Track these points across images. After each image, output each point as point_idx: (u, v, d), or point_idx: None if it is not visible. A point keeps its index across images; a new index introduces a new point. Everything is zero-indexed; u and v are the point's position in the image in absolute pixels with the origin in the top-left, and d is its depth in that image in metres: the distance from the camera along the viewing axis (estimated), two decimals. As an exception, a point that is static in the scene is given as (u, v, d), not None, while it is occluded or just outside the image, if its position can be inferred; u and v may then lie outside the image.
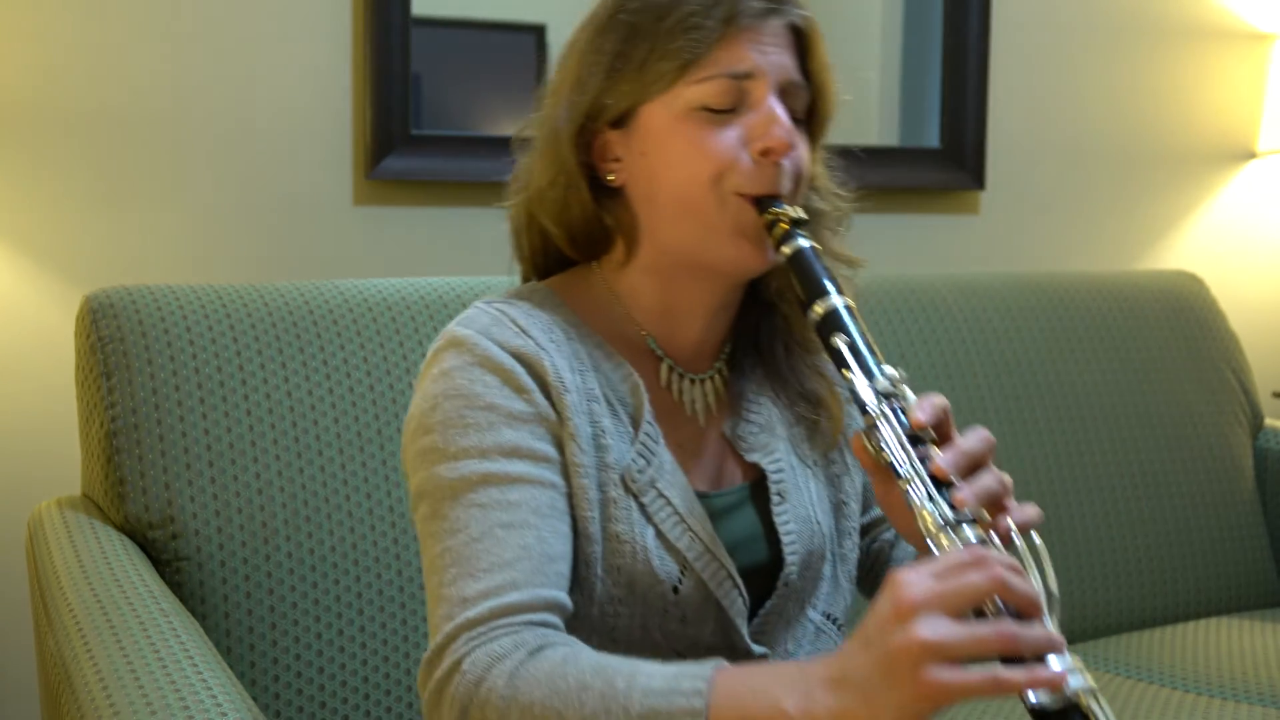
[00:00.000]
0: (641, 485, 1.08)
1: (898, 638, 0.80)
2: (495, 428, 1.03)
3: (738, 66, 1.06)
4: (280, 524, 1.50)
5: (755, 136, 1.07)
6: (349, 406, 1.56)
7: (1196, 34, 2.66)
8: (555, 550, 1.02)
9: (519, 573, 0.98)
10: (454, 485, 1.02)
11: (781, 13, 1.09)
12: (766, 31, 1.08)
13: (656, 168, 1.09)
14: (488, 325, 1.08)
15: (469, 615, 0.96)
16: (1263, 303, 2.77)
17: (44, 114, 1.91)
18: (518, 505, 1.01)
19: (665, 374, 1.15)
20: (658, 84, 1.07)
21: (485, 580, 0.98)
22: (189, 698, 1.00)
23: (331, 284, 1.66)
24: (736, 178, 1.06)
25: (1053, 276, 2.19)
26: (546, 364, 1.06)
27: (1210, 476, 2.13)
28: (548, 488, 1.04)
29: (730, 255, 1.09)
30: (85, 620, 1.18)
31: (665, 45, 1.06)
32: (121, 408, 1.48)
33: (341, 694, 1.50)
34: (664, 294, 1.14)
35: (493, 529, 1.00)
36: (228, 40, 1.99)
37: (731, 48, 1.06)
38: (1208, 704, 1.71)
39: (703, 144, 1.06)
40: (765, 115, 1.07)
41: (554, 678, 0.91)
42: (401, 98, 2.06)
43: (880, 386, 0.98)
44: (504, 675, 0.92)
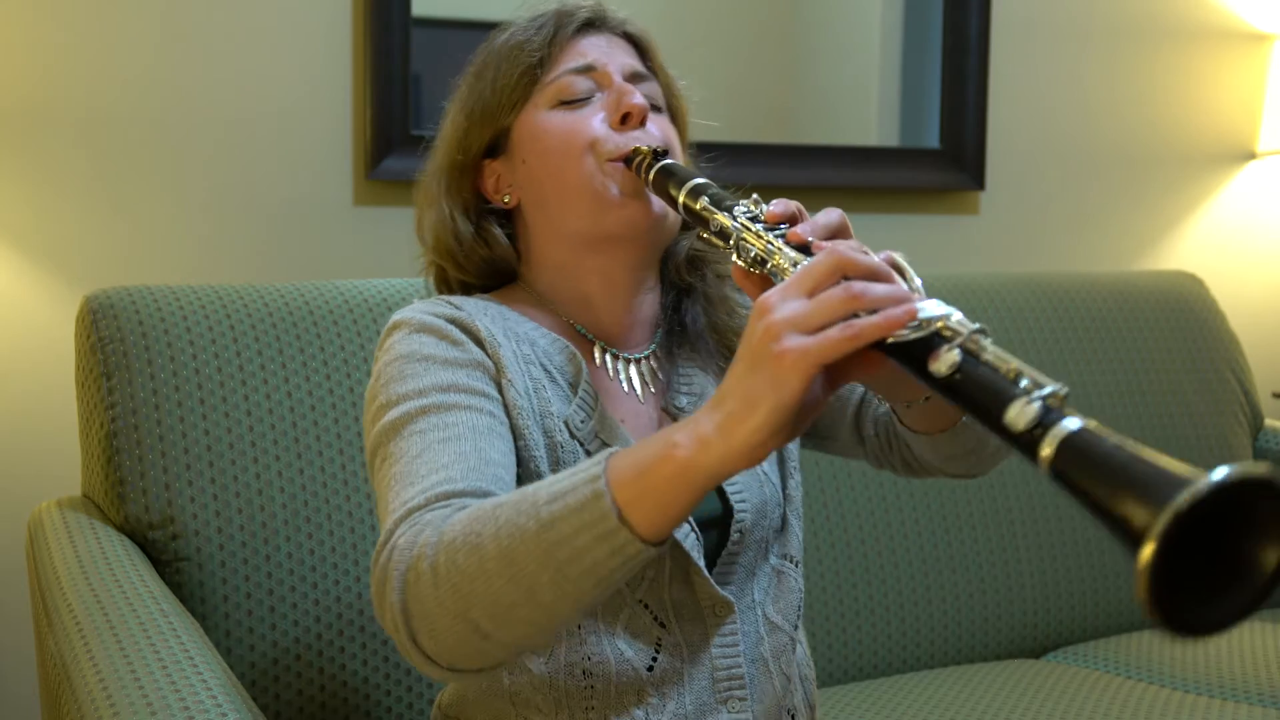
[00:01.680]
0: (585, 434, 1.13)
1: (758, 330, 0.83)
2: (431, 371, 1.08)
3: (577, 62, 1.18)
4: (280, 524, 1.50)
5: (612, 107, 1.16)
6: (349, 407, 1.56)
7: (1196, 34, 2.66)
8: (493, 456, 1.03)
9: (456, 471, 1.00)
10: (395, 424, 1.05)
11: (609, 25, 1.21)
12: (596, 38, 1.20)
13: (535, 166, 1.18)
14: (423, 307, 1.16)
15: (408, 506, 0.97)
16: (1263, 303, 2.77)
17: (44, 114, 1.91)
18: (455, 425, 1.04)
19: (599, 355, 1.20)
20: (511, 97, 1.18)
21: (422, 482, 0.99)
22: (189, 698, 1.00)
23: (331, 284, 1.66)
24: (605, 146, 1.15)
25: (1053, 276, 2.19)
26: (481, 329, 1.13)
27: (1210, 476, 2.13)
28: (486, 415, 1.07)
29: (619, 217, 1.15)
30: (85, 620, 1.18)
31: (507, 66, 1.18)
32: (121, 408, 1.48)
33: (341, 694, 1.50)
34: (579, 282, 1.20)
35: (430, 445, 1.02)
36: (228, 41, 1.99)
37: (567, 50, 1.19)
38: (1208, 704, 1.71)
39: (567, 126, 1.16)
40: (617, 88, 1.16)
41: (472, 515, 0.91)
42: (401, 98, 2.06)
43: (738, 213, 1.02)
44: (432, 532, 0.92)
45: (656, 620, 1.13)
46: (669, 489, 0.85)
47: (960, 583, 1.91)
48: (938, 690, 1.74)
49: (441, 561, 0.90)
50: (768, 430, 0.82)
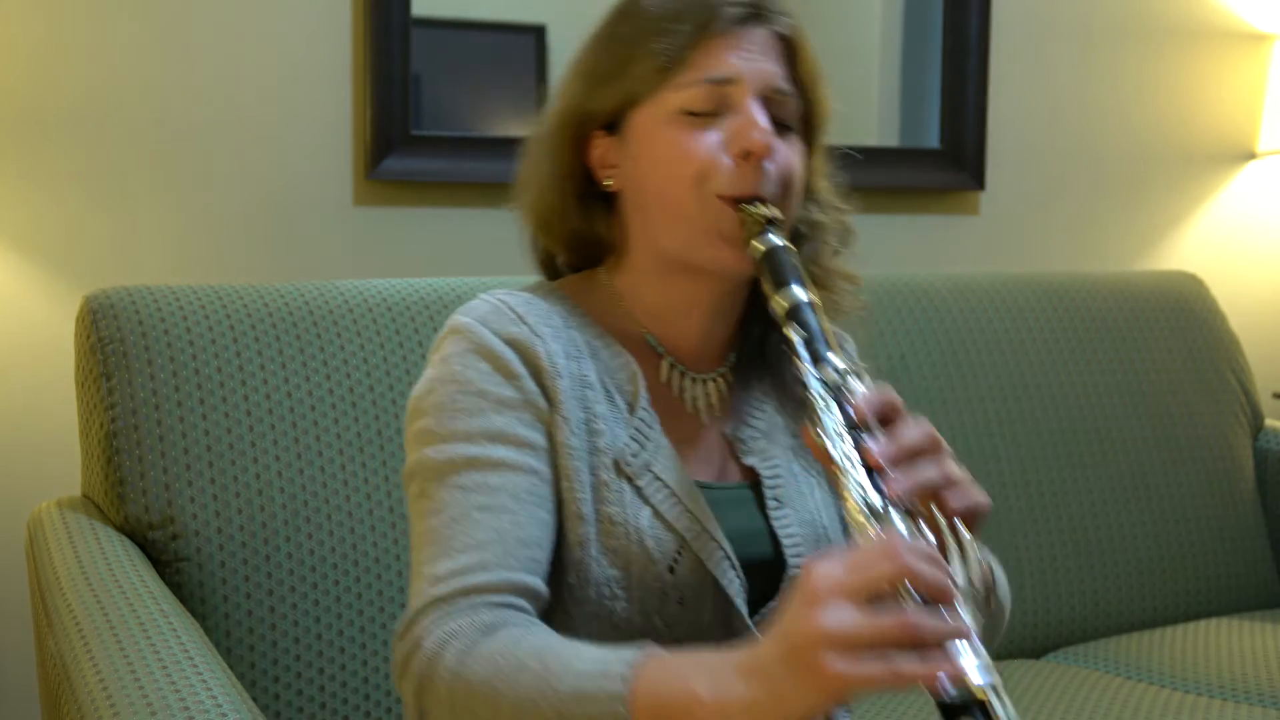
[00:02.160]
0: (636, 468, 1.10)
1: (802, 626, 0.81)
2: (483, 413, 1.07)
3: (716, 72, 1.09)
4: (280, 524, 1.50)
5: (734, 139, 1.09)
6: (349, 407, 1.56)
7: (1196, 34, 2.66)
8: (530, 535, 1.04)
9: (490, 554, 1.02)
10: (440, 467, 1.06)
11: (763, 19, 1.11)
12: (747, 38, 1.10)
13: (644, 170, 1.12)
14: (486, 314, 1.12)
15: (436, 593, 1.00)
16: (1263, 303, 2.76)
17: (44, 115, 1.91)
18: (497, 490, 1.05)
19: (666, 370, 1.17)
20: (640, 88, 1.10)
21: (457, 559, 1.02)
22: (189, 698, 1.00)
23: (331, 284, 1.66)
24: (717, 180, 1.09)
25: (1053, 276, 2.19)
26: (539, 349, 1.10)
27: (1210, 476, 2.13)
28: (528, 474, 1.06)
29: (710, 256, 1.10)
30: (85, 620, 1.18)
31: (644, 49, 1.10)
32: (121, 408, 1.48)
33: (341, 694, 1.50)
34: (660, 293, 1.16)
35: (470, 511, 1.03)
36: (228, 40, 1.99)
37: (711, 53, 1.09)
38: (1208, 704, 1.71)
39: (683, 146, 1.09)
40: (744, 119, 1.08)
41: (498, 657, 0.94)
42: (401, 98, 2.06)
43: (826, 376, 0.99)
44: (455, 654, 0.96)
45: None
46: None
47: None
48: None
49: (460, 698, 0.94)
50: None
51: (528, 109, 2.22)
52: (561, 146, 1.15)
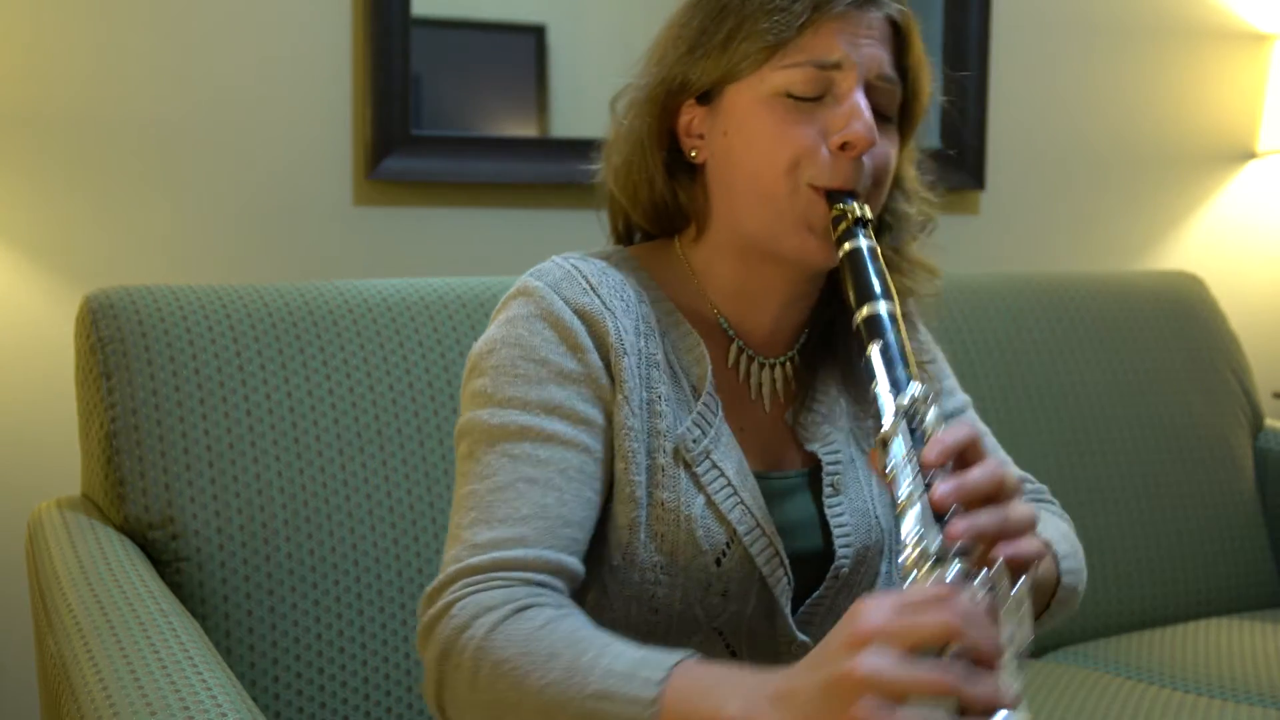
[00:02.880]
0: (695, 455, 1.09)
1: (842, 665, 0.79)
2: (543, 383, 1.05)
3: (826, 56, 1.05)
4: (280, 524, 1.50)
5: (835, 129, 1.05)
6: (349, 407, 1.56)
7: (1196, 34, 2.66)
8: (573, 515, 1.03)
9: (530, 530, 1.00)
10: (492, 431, 1.04)
11: (877, 4, 1.07)
12: (860, 22, 1.06)
13: (736, 149, 1.08)
14: (559, 279, 1.09)
15: (472, 561, 0.99)
16: (1263, 303, 2.77)
17: (44, 115, 1.91)
18: (546, 463, 1.03)
19: (734, 354, 1.15)
20: (743, 64, 1.06)
21: (497, 530, 1.00)
22: (189, 698, 1.00)
23: (331, 284, 1.66)
24: (812, 169, 1.05)
25: (1053, 276, 2.19)
26: (609, 325, 1.07)
27: (1210, 476, 2.13)
28: (580, 451, 1.05)
29: (795, 245, 1.07)
30: (85, 620, 1.18)
31: (752, 25, 1.05)
32: (121, 408, 1.48)
33: (341, 694, 1.50)
34: (739, 275, 1.14)
35: (516, 482, 1.02)
36: (227, 40, 1.99)
37: (821, 35, 1.04)
38: (1208, 704, 1.71)
39: (783, 130, 1.05)
40: (848, 109, 1.04)
41: (530, 640, 0.93)
42: (401, 98, 2.05)
43: (902, 403, 0.96)
44: (485, 626, 0.95)
45: (729, 648, 1.11)
46: None
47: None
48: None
49: (484, 674, 0.93)
50: None
51: (528, 109, 2.22)
52: (652, 111, 1.11)
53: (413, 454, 1.57)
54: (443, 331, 1.64)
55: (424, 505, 1.56)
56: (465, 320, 1.65)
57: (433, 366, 1.61)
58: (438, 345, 1.63)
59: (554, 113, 2.21)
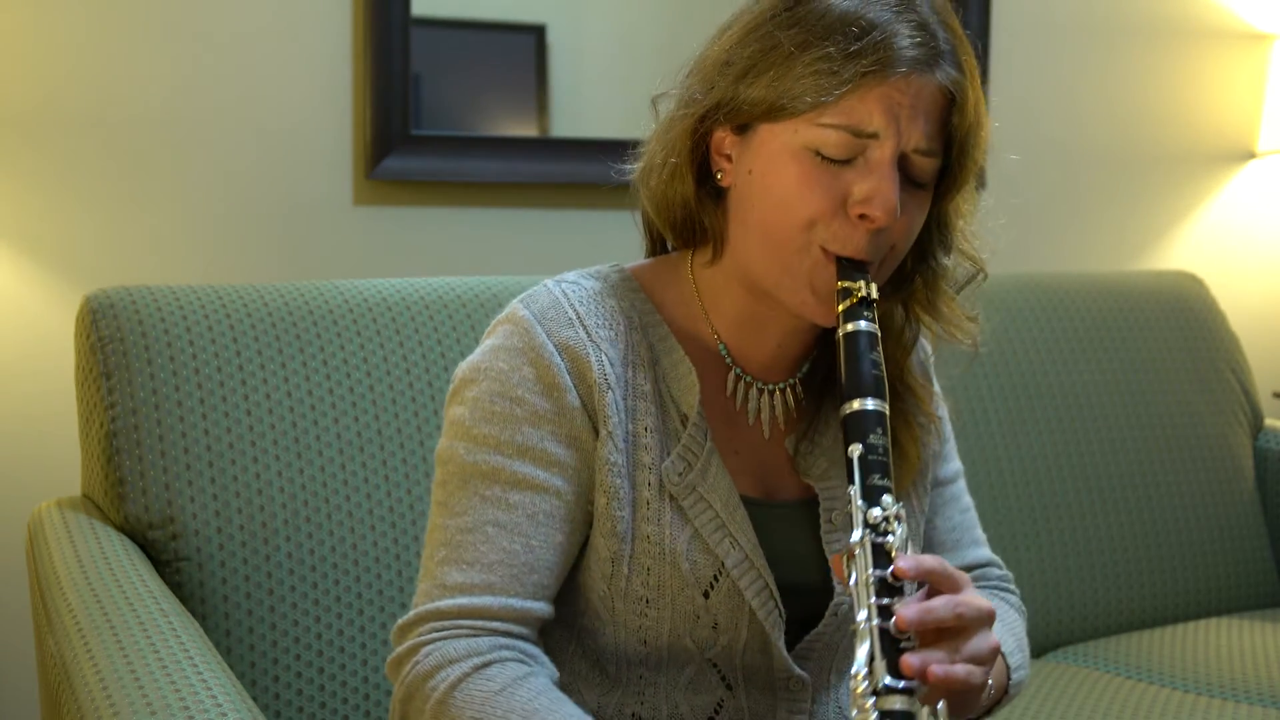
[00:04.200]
0: (681, 488, 1.08)
1: None
2: (517, 423, 1.07)
3: (864, 125, 1.02)
4: (280, 524, 1.50)
5: (858, 200, 1.02)
6: (349, 407, 1.56)
7: (1196, 34, 2.66)
8: (539, 560, 1.06)
9: (497, 577, 1.04)
10: (465, 468, 1.07)
11: (933, 69, 1.03)
12: (909, 91, 1.02)
13: (756, 191, 1.06)
14: (545, 309, 1.09)
15: (441, 605, 1.04)
16: (1263, 303, 2.76)
17: (44, 114, 1.91)
18: (515, 508, 1.06)
19: (732, 382, 1.14)
20: (783, 107, 1.03)
21: (466, 574, 1.04)
22: (189, 698, 1.00)
23: (331, 284, 1.66)
24: (826, 232, 1.03)
25: (1053, 276, 2.19)
26: (592, 360, 1.07)
27: (1210, 476, 2.13)
28: (550, 495, 1.07)
29: (796, 301, 1.07)
30: (85, 620, 1.18)
31: (801, 71, 1.02)
32: (121, 408, 1.48)
33: (341, 694, 1.50)
34: (744, 306, 1.13)
35: (485, 525, 1.05)
36: (228, 40, 1.99)
37: (865, 102, 1.01)
38: (1208, 704, 1.71)
39: (805, 187, 1.03)
40: (874, 183, 1.02)
41: (485, 705, 0.97)
42: (401, 98, 2.06)
43: (871, 517, 0.95)
44: (446, 682, 1.00)
45: (724, 681, 1.11)
46: None
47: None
48: (938, 690, 1.74)
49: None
50: None
51: (528, 109, 2.22)
52: (691, 125, 1.09)
53: (413, 454, 1.57)
54: (443, 331, 1.64)
55: (424, 505, 1.56)
56: (465, 320, 1.65)
57: (433, 366, 1.61)
58: (438, 345, 1.63)
59: (554, 113, 2.21)
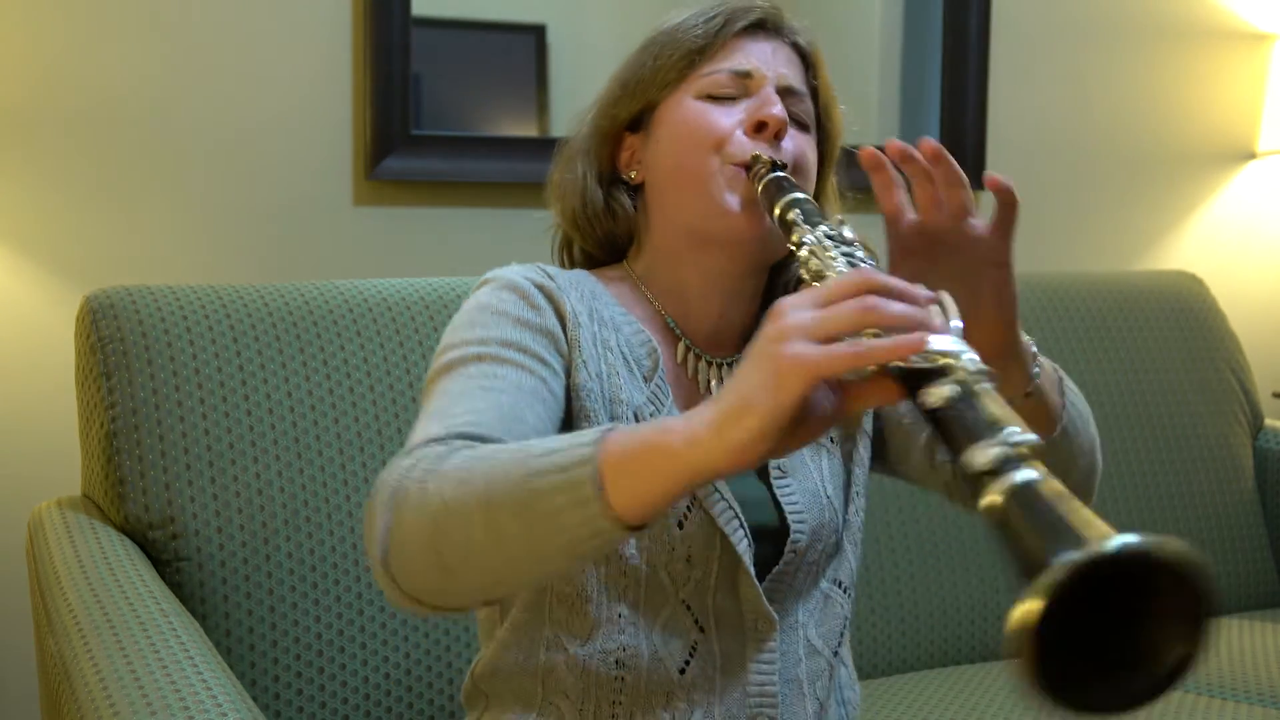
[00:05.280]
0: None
1: (766, 332, 0.81)
2: (500, 324, 1.09)
3: (738, 64, 1.16)
4: (280, 524, 1.50)
5: (751, 113, 1.14)
6: (349, 407, 1.56)
7: (1196, 34, 2.66)
8: (526, 421, 1.02)
9: (487, 419, 0.99)
10: (448, 364, 1.06)
11: (782, 32, 1.20)
12: (769, 45, 1.18)
13: (665, 148, 1.17)
14: (517, 270, 1.15)
15: (430, 434, 0.96)
16: (1263, 303, 2.76)
17: (44, 114, 1.91)
18: (502, 377, 1.04)
19: (682, 352, 1.19)
20: (666, 79, 1.18)
21: (452, 420, 0.98)
22: (189, 698, 1.01)
23: (331, 284, 1.66)
24: (731, 148, 1.14)
25: (1053, 276, 2.19)
26: (566, 304, 1.13)
27: (1210, 476, 2.13)
28: (534, 376, 1.06)
29: (727, 222, 1.13)
30: (85, 620, 1.18)
31: (672, 47, 1.18)
32: (121, 408, 1.48)
33: (341, 694, 1.50)
34: (678, 273, 1.19)
35: (471, 390, 1.02)
36: (228, 40, 1.99)
37: (731, 48, 1.17)
38: (1208, 704, 1.71)
39: (704, 118, 1.15)
40: (762, 97, 1.15)
41: (476, 452, 0.91)
42: (401, 98, 2.06)
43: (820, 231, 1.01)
44: (437, 456, 0.92)
45: (696, 624, 1.12)
46: (652, 475, 0.82)
47: (961, 583, 1.90)
48: (938, 690, 1.74)
49: (430, 489, 0.89)
50: (759, 432, 0.79)
51: (528, 109, 2.22)
52: (595, 148, 1.22)
53: (413, 454, 1.57)
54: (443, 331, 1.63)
55: (424, 505, 1.56)
56: (465, 320, 1.65)
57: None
58: (438, 345, 1.62)
59: (554, 113, 2.21)
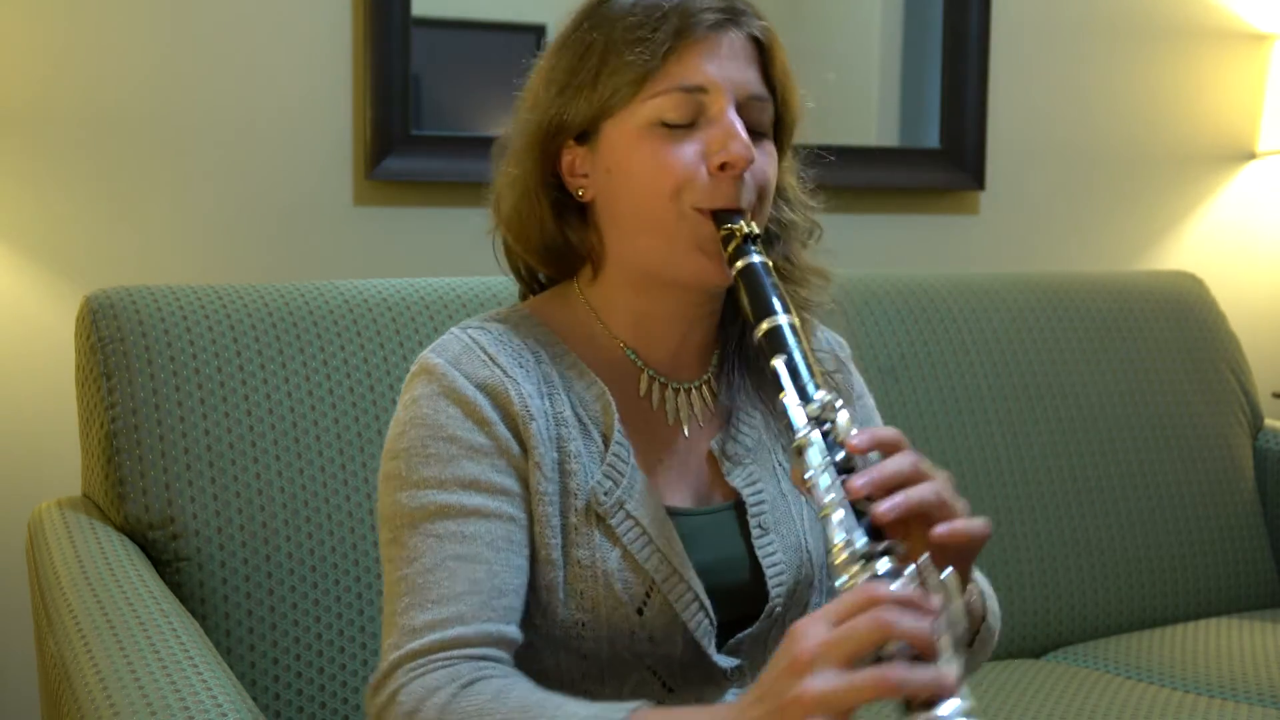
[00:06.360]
0: (608, 507, 1.08)
1: (789, 692, 0.81)
2: (456, 460, 1.05)
3: (691, 79, 1.06)
4: (280, 524, 1.50)
5: (713, 151, 1.06)
6: (349, 407, 1.56)
7: (1196, 34, 2.66)
8: (506, 584, 1.03)
9: (466, 606, 1.01)
10: (413, 514, 1.04)
11: (737, 24, 1.09)
12: (722, 44, 1.07)
13: (618, 184, 1.09)
14: (458, 354, 1.09)
15: (412, 646, 0.99)
16: (1263, 303, 2.76)
17: (44, 114, 1.91)
18: (472, 538, 1.03)
19: (645, 383, 1.15)
20: (614, 99, 1.07)
21: (433, 612, 1.00)
22: (189, 698, 1.01)
23: (331, 284, 1.66)
24: (695, 193, 1.06)
25: (1053, 276, 2.19)
26: (512, 393, 1.07)
27: (1210, 476, 2.13)
28: (505, 520, 1.05)
29: (690, 270, 1.08)
30: (85, 620, 1.18)
31: (617, 59, 1.07)
32: (121, 408, 1.48)
33: (341, 694, 1.50)
34: (637, 306, 1.14)
35: (445, 561, 1.02)
36: (228, 41, 1.99)
37: (684, 61, 1.06)
38: (1208, 704, 1.71)
39: (661, 159, 1.06)
40: (723, 129, 1.06)
41: (484, 712, 0.93)
42: (401, 98, 2.06)
43: (811, 411, 0.96)
44: (435, 708, 0.95)
45: (665, 685, 1.11)
46: None
47: (960, 583, 1.90)
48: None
49: None
50: None
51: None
52: (533, 156, 1.12)
53: (413, 454, 1.57)
54: (443, 331, 1.63)
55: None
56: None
57: (433, 366, 1.61)
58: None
59: (554, 113, 2.21)
